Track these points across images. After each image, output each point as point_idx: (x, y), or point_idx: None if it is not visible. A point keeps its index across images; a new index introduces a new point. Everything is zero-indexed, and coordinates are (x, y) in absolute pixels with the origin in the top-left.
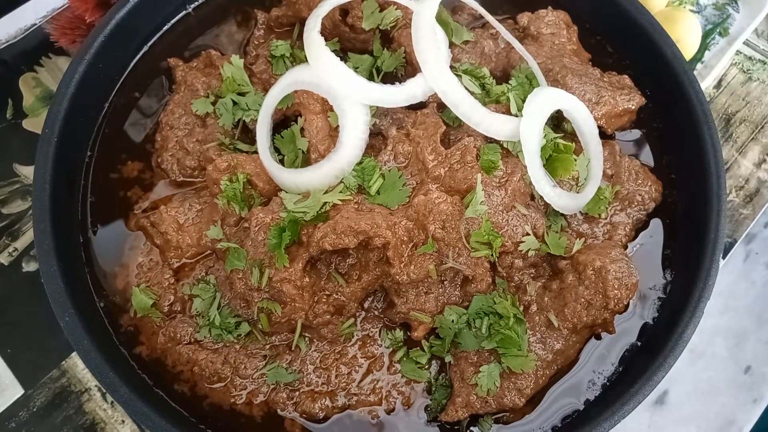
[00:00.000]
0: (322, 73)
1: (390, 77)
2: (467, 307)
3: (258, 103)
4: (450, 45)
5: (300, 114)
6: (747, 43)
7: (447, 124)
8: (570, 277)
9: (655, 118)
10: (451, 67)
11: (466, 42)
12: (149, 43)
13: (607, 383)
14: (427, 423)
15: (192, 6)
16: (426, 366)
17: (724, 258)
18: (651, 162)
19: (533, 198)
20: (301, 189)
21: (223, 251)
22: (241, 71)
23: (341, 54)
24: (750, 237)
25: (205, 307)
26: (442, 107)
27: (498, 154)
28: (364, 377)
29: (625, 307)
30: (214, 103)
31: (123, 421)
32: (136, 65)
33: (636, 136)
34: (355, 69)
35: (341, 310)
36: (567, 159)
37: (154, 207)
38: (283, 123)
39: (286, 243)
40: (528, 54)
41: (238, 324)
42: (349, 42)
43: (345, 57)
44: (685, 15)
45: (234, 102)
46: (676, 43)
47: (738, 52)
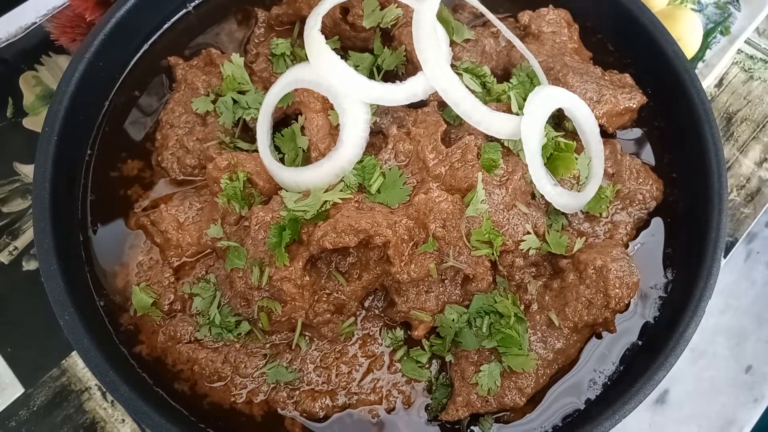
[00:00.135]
0: (322, 72)
1: (390, 76)
2: (468, 306)
3: (258, 102)
4: (451, 43)
5: (300, 112)
6: (748, 42)
7: (448, 122)
8: (571, 276)
9: (657, 116)
10: (452, 66)
11: (467, 40)
12: (149, 42)
13: (608, 382)
14: (428, 422)
15: (192, 4)
16: (426, 365)
17: (725, 257)
18: (652, 161)
19: (534, 197)
20: (302, 187)
21: (224, 250)
22: (242, 69)
23: (342, 52)
24: (751, 236)
25: (205, 306)
26: (442, 106)
27: (499, 152)
28: (364, 376)
29: (626, 306)
30: (214, 102)
31: (123, 420)
32: (136, 64)
33: (637, 134)
34: (356, 67)
35: (341, 309)
36: (568, 158)
37: (154, 205)
38: (284, 121)
39: (286, 242)
40: (529, 52)
41: (238, 323)
42: (350, 40)
43: (345, 55)
44: (687, 13)
45: (234, 100)
46: (677, 42)
47: (739, 50)
